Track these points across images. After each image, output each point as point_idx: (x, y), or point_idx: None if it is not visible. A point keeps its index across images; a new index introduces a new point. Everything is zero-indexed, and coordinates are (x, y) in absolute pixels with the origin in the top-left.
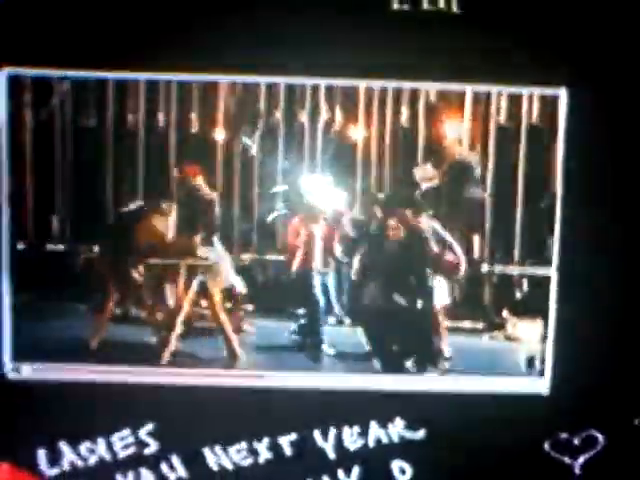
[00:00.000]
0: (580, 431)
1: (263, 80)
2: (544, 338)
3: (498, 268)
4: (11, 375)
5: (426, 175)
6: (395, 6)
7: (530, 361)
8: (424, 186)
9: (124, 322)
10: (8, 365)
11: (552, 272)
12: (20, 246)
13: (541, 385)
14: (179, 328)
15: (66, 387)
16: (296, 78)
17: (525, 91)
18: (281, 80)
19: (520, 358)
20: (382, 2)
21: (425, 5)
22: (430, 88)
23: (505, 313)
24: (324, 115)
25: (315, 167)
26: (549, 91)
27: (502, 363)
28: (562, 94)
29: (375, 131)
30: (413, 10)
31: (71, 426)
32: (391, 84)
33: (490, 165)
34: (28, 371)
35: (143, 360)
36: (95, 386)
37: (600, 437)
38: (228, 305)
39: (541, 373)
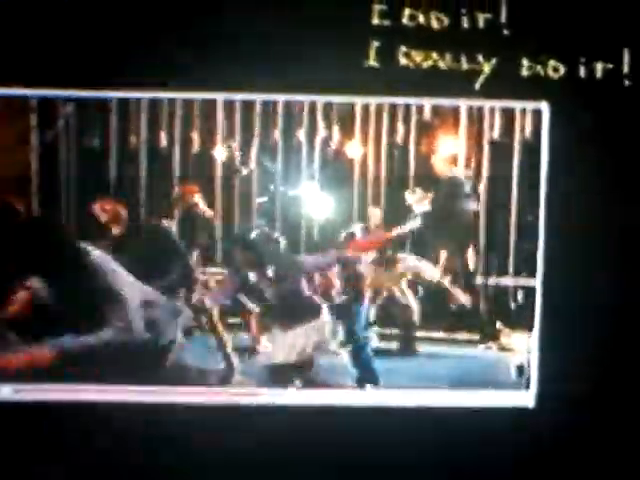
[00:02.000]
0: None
1: (260, 97)
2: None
3: (492, 280)
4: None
5: (418, 198)
6: (375, 21)
7: (520, 370)
8: (417, 209)
9: None
10: None
11: (537, 285)
12: None
13: (526, 398)
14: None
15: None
16: (294, 95)
17: (506, 105)
18: (279, 97)
19: (512, 369)
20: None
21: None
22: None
23: (499, 324)
24: (321, 132)
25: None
26: (531, 105)
27: (494, 374)
28: (544, 108)
29: (372, 148)
30: (396, 26)
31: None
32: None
33: (483, 179)
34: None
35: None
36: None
37: None
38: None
39: (527, 385)
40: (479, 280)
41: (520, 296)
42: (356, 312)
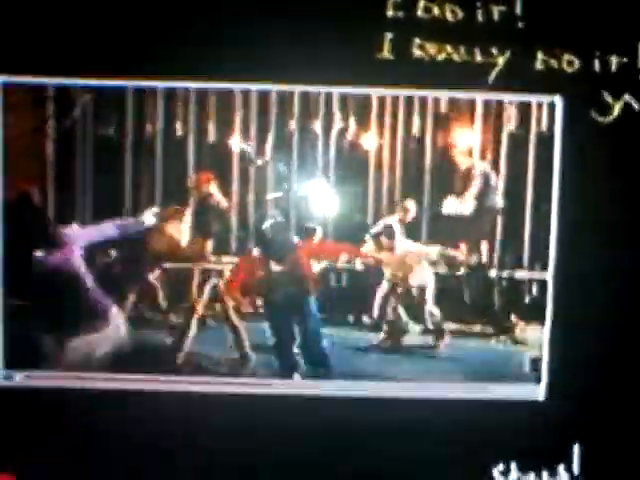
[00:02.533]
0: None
1: (276, 88)
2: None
3: (507, 273)
4: (3, 382)
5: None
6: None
7: (535, 363)
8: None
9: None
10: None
11: (548, 278)
12: (39, 253)
13: (537, 391)
14: (193, 331)
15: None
16: (310, 87)
17: (520, 99)
18: (295, 89)
19: (526, 362)
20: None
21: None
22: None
23: (513, 317)
24: (338, 124)
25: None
26: (544, 99)
27: (507, 367)
28: (557, 102)
29: (388, 140)
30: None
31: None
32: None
33: (501, 172)
34: (20, 378)
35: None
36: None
37: None
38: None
39: (537, 379)
40: (493, 273)
41: (535, 289)
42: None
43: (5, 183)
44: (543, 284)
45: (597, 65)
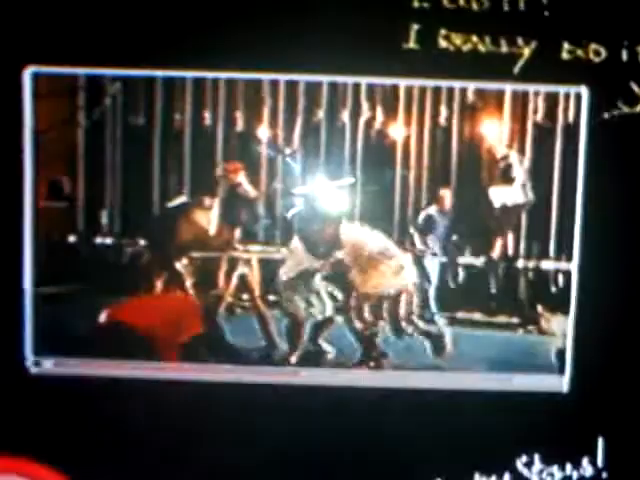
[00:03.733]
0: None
1: (304, 78)
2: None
3: (533, 263)
4: (33, 369)
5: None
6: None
7: (561, 354)
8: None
9: None
10: (29, 359)
11: (573, 269)
12: (71, 239)
13: (561, 382)
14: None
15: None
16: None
17: (546, 89)
18: (324, 79)
19: (552, 353)
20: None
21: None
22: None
23: (540, 308)
24: (365, 114)
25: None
26: (571, 89)
27: (532, 358)
28: (584, 92)
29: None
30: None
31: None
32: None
33: (526, 162)
34: (49, 365)
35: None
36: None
37: None
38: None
39: (561, 370)
40: (520, 263)
41: (561, 280)
42: None
43: (35, 173)
44: (569, 275)
45: (625, 55)
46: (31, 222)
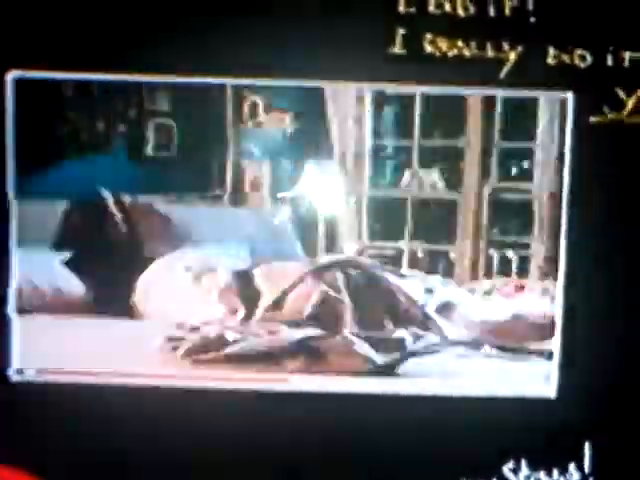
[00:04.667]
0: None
1: (291, 83)
2: None
3: None
4: (15, 378)
5: None
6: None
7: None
8: None
9: None
10: (12, 368)
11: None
12: None
13: (549, 389)
14: None
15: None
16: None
17: (531, 94)
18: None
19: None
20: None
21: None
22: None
23: None
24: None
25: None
26: (556, 95)
27: None
28: (569, 97)
29: None
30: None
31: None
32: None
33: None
34: (32, 373)
35: None
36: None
37: None
38: None
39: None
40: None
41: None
42: None
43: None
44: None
45: (610, 60)
46: (17, 229)
